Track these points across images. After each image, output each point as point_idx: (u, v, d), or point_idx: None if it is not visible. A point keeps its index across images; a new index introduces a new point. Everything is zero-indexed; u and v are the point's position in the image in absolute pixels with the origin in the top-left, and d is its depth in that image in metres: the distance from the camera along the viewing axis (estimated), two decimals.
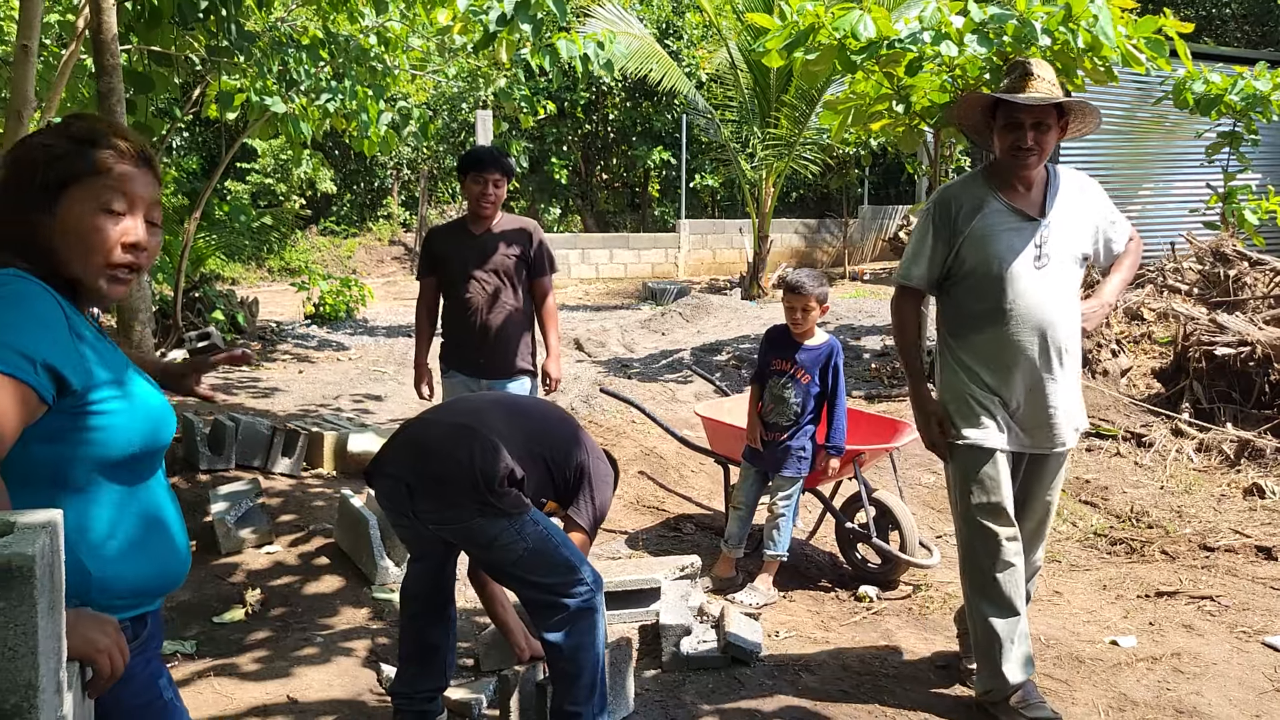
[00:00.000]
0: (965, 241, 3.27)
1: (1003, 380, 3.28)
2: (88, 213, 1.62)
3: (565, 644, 2.95)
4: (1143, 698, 3.55)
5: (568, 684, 2.97)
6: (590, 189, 21.61)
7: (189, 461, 5.67)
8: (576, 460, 3.20)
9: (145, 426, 1.68)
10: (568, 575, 2.95)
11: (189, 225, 9.20)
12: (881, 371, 8.17)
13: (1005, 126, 3.19)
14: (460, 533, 2.99)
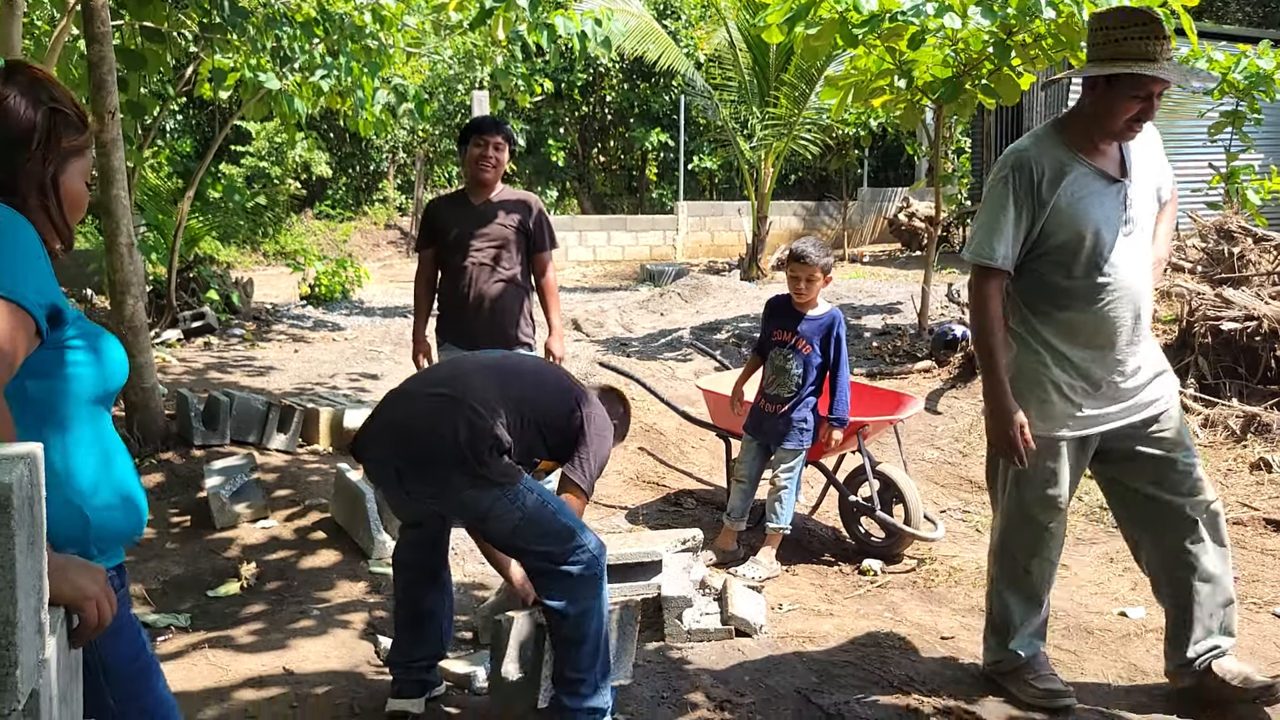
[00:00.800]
0: (1052, 212, 2.94)
1: (1094, 357, 3.02)
2: (80, 182, 1.72)
3: (568, 611, 2.88)
4: (1152, 667, 3.49)
5: (570, 650, 2.91)
6: (588, 171, 21.50)
7: (183, 437, 5.60)
8: (570, 417, 3.10)
9: (110, 362, 1.68)
10: (567, 542, 2.88)
11: (183, 205, 9.10)
12: (883, 350, 8.11)
13: (1133, 97, 2.82)
14: (453, 506, 2.94)
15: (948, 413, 6.69)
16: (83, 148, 1.70)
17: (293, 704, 3.24)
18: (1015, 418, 2.97)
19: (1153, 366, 3.12)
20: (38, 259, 1.55)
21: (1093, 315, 2.99)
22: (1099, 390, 3.04)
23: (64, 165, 1.66)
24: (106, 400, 1.70)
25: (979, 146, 15.22)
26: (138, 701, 1.73)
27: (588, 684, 2.89)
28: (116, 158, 5.30)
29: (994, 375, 3.02)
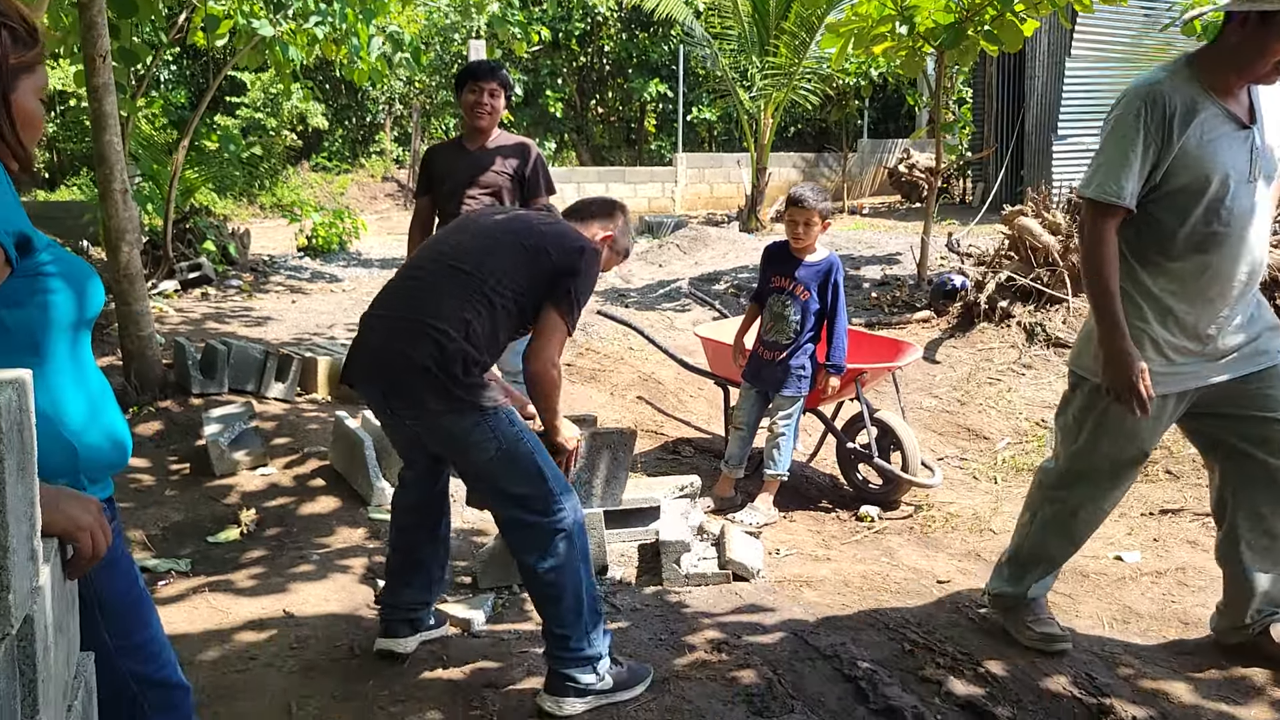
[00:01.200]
0: (1180, 152, 2.75)
1: (1200, 312, 2.84)
2: (33, 100, 1.65)
3: (541, 567, 2.81)
4: (1147, 610, 3.52)
5: (550, 607, 2.85)
6: (586, 123, 21.32)
7: (181, 385, 5.59)
8: (548, 272, 2.86)
9: (87, 289, 1.65)
10: (540, 486, 2.79)
11: (178, 155, 9.01)
12: (882, 300, 8.09)
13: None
14: (434, 431, 2.84)
15: (946, 362, 6.68)
16: (33, 63, 1.63)
17: (293, 646, 3.26)
18: (1137, 362, 2.77)
19: (1262, 322, 2.96)
20: (3, 187, 1.51)
21: (1205, 267, 2.81)
22: (1203, 347, 2.88)
23: (14, 83, 1.59)
24: (85, 327, 1.67)
25: (980, 96, 15.07)
26: (132, 637, 1.74)
27: (575, 638, 2.81)
28: (109, 103, 5.24)
29: (1111, 317, 2.80)
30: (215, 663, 3.13)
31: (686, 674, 3.04)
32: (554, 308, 2.84)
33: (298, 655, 3.19)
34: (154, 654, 1.80)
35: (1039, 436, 5.49)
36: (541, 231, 2.95)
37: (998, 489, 4.89)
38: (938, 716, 2.78)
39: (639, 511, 4.25)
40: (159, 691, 1.81)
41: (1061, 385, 6.03)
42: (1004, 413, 5.85)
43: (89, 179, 13.32)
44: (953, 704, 2.86)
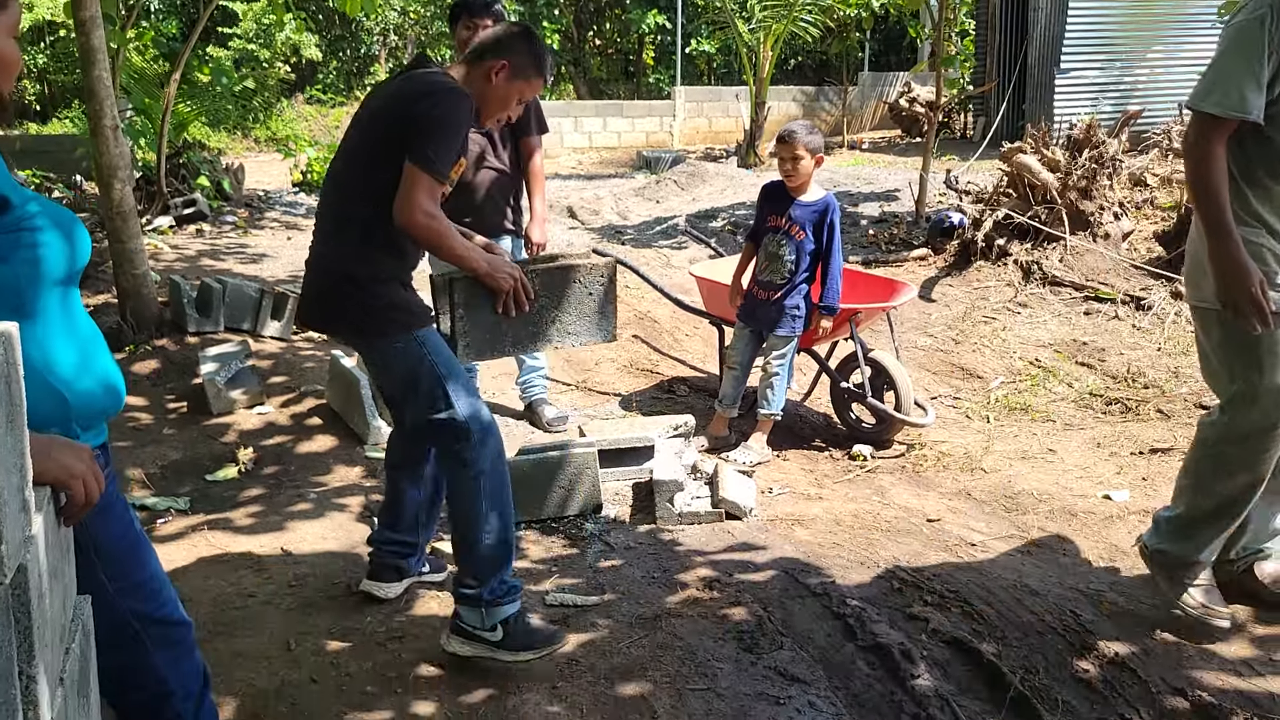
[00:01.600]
0: None
1: None
2: (6, 39, 1.62)
3: (446, 492, 2.79)
4: (1133, 548, 3.56)
5: (454, 534, 2.81)
6: (583, 55, 21.01)
7: (177, 324, 5.60)
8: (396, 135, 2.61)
9: (74, 241, 1.64)
10: (449, 417, 2.67)
11: (169, 89, 8.89)
12: (879, 238, 8.05)
13: None
14: (367, 360, 2.85)
15: (942, 300, 6.68)
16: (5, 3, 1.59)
17: (291, 583, 3.31)
18: (1254, 273, 2.62)
19: None
20: None
21: None
22: None
23: None
24: (73, 278, 1.66)
25: (983, 28, 14.84)
26: (130, 578, 1.77)
27: (464, 572, 2.76)
28: (96, 37, 5.16)
29: (1225, 229, 2.64)
30: (214, 600, 3.18)
31: (678, 611, 3.09)
32: (409, 160, 2.57)
33: (296, 593, 3.25)
34: (154, 593, 1.84)
35: (1033, 376, 5.52)
36: (390, 94, 2.74)
37: (990, 428, 4.93)
38: (924, 653, 2.83)
39: (633, 450, 4.29)
40: (160, 628, 1.84)
41: (1057, 324, 6.07)
42: (998, 352, 5.87)
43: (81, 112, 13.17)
44: (939, 640, 2.91)
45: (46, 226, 1.58)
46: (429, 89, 2.64)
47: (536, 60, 2.83)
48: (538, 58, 2.84)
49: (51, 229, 1.58)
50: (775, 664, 2.78)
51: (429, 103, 2.61)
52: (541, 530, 3.80)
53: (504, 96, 2.81)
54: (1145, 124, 10.25)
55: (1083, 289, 6.44)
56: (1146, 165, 7.98)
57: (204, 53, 17.00)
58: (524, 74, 2.81)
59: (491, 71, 2.76)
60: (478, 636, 2.74)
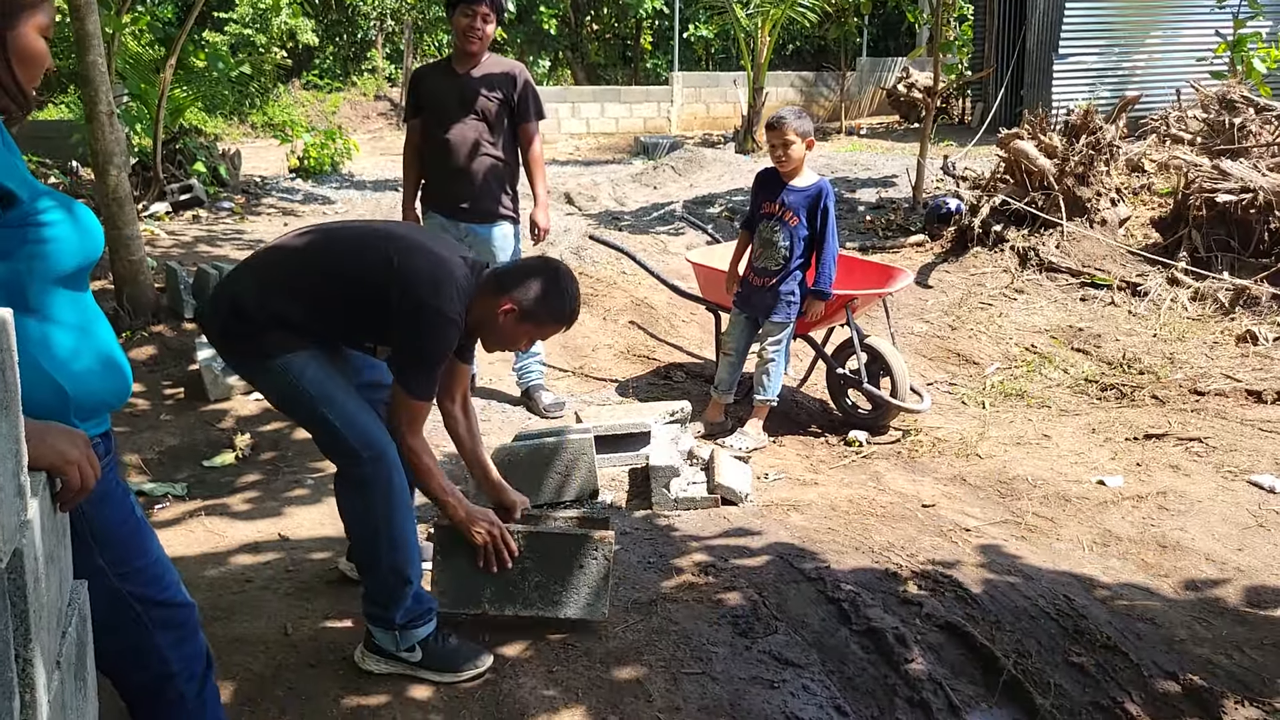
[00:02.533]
0: None
1: None
2: (35, 38, 1.62)
3: (344, 509, 2.66)
4: (1126, 533, 3.59)
5: (356, 552, 2.74)
6: (580, 40, 20.95)
7: (174, 310, 5.60)
8: (378, 301, 2.51)
9: (85, 236, 1.63)
10: (331, 434, 2.54)
11: (165, 74, 8.86)
12: (876, 223, 8.05)
13: None
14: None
15: (938, 286, 6.69)
16: (36, 1, 1.59)
17: (288, 568, 3.32)
18: None
19: None
20: None
21: None
22: None
23: (13, 20, 1.57)
24: (84, 274, 1.66)
25: (981, 14, 14.80)
26: (131, 563, 1.78)
27: (370, 592, 2.65)
28: (91, 22, 5.15)
29: None
30: (212, 584, 3.19)
31: (674, 596, 3.10)
32: (397, 381, 2.55)
33: (293, 577, 3.26)
34: (156, 577, 1.85)
35: (1029, 362, 5.53)
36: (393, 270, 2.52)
37: (985, 414, 4.94)
38: (918, 637, 2.85)
39: (630, 436, 4.31)
40: (162, 610, 1.86)
41: (1053, 310, 6.09)
42: (994, 338, 5.88)
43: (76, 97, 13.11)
44: (933, 625, 2.93)
45: (56, 222, 1.57)
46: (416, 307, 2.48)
47: (554, 311, 2.67)
48: (558, 308, 2.66)
49: (62, 224, 1.58)
50: (770, 648, 2.80)
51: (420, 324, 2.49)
52: None
53: (512, 335, 2.69)
54: (1143, 109, 10.24)
55: (1079, 275, 6.45)
56: (1144, 151, 7.98)
57: (200, 38, 16.94)
58: (537, 320, 2.66)
59: (500, 312, 2.61)
60: (395, 657, 2.67)
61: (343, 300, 2.56)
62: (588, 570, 2.86)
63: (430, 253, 2.58)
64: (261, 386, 2.67)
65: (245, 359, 2.60)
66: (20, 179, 1.55)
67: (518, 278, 2.66)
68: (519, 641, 2.84)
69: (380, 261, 2.53)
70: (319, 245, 2.64)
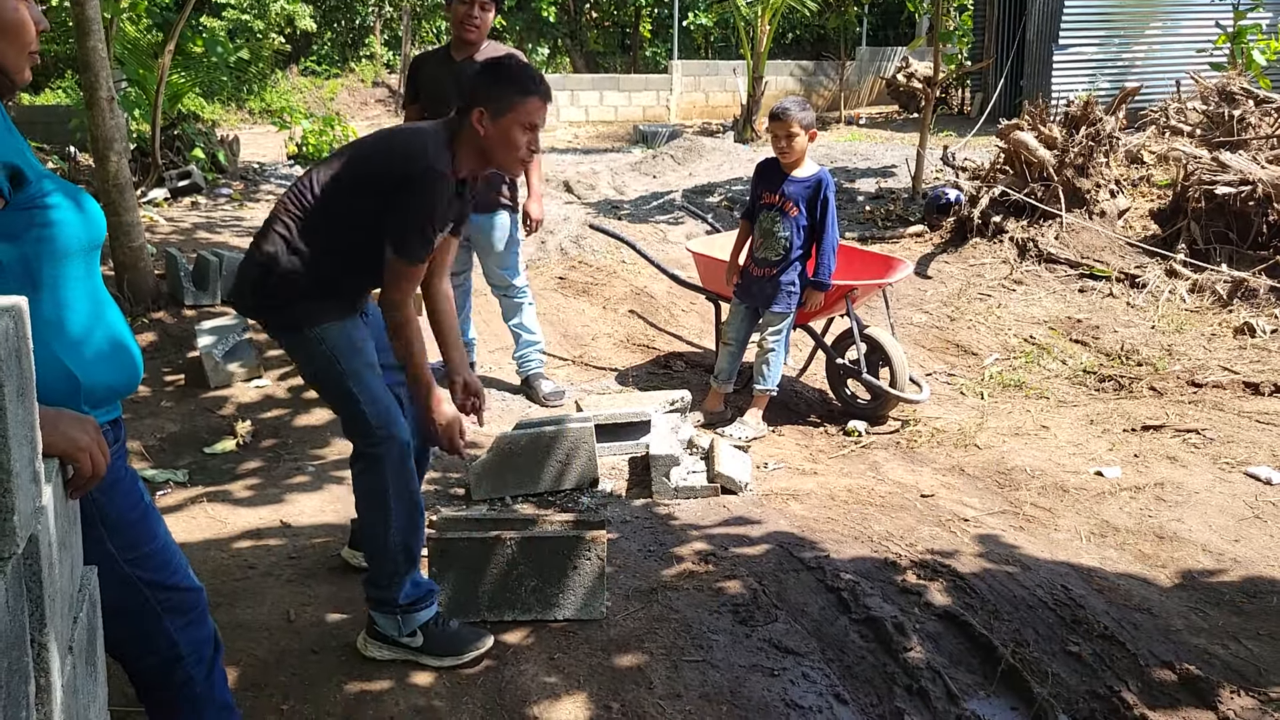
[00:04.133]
0: None
1: None
2: (9, 5, 1.59)
3: (357, 487, 2.72)
4: (1124, 524, 3.61)
5: (363, 531, 2.77)
6: (579, 28, 20.89)
7: (174, 297, 5.61)
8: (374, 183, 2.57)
9: (88, 218, 1.64)
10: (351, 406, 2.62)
11: (164, 59, 8.84)
12: (875, 214, 8.06)
13: None
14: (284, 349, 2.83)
15: (937, 277, 6.70)
16: None
17: (290, 555, 3.34)
18: None
19: None
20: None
21: None
22: None
23: None
24: (91, 256, 1.67)
25: (982, 4, 14.78)
26: (140, 548, 1.79)
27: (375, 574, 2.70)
28: (91, 7, 5.14)
29: None
30: (215, 571, 3.21)
31: (674, 584, 3.12)
32: (391, 250, 2.57)
33: (295, 564, 3.28)
34: (165, 562, 1.86)
35: (1027, 353, 5.54)
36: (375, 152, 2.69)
37: (984, 405, 4.96)
38: (917, 626, 2.87)
39: (630, 425, 4.32)
40: (170, 594, 1.87)
41: (1052, 301, 6.10)
42: (993, 329, 5.89)
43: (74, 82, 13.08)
44: (931, 614, 2.95)
45: (60, 205, 1.58)
46: (406, 171, 2.53)
47: (514, 84, 2.63)
48: (508, 81, 2.63)
49: (66, 208, 1.59)
50: (770, 636, 2.82)
51: (406, 192, 2.52)
52: (538, 504, 3.83)
53: (503, 137, 2.63)
54: (1143, 100, 10.25)
55: (1078, 266, 6.46)
56: (1143, 143, 7.99)
57: (198, 23, 16.87)
58: (507, 104, 2.61)
59: (476, 124, 2.61)
60: (397, 642, 2.70)
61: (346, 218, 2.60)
62: (582, 571, 2.90)
63: (393, 132, 2.78)
64: (296, 355, 2.75)
65: (283, 329, 2.69)
66: (27, 159, 1.55)
67: (468, 89, 2.65)
68: (520, 629, 2.87)
69: (360, 162, 2.64)
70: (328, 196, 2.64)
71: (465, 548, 2.89)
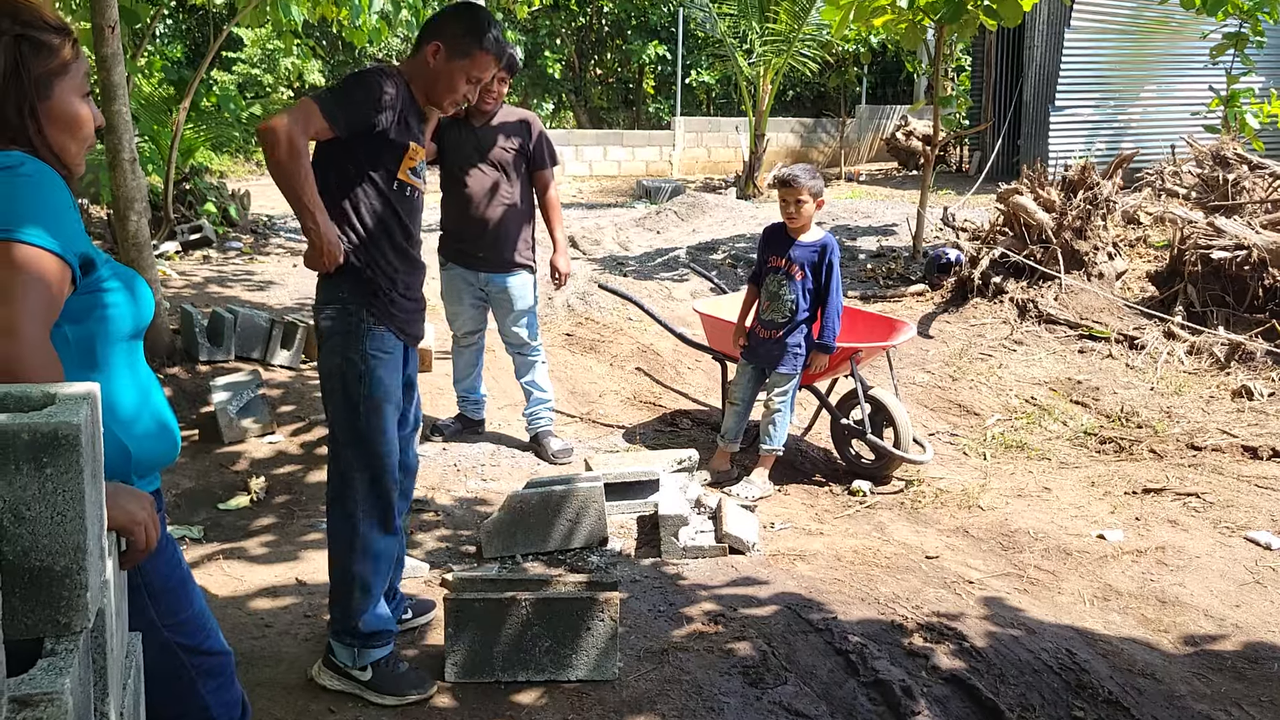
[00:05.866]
0: None
1: None
2: (73, 101, 1.65)
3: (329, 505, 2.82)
4: (1127, 588, 3.66)
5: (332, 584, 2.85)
6: (584, 84, 21.23)
7: (188, 353, 5.69)
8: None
9: (139, 301, 1.73)
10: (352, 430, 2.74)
11: (177, 115, 9.02)
12: (877, 272, 8.18)
13: None
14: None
15: (939, 337, 6.79)
16: (64, 66, 1.62)
17: (306, 614, 3.39)
18: None
19: None
20: (68, 209, 1.57)
21: None
22: None
23: (47, 91, 1.60)
24: (139, 335, 1.76)
25: (980, 66, 15.07)
26: (178, 615, 1.85)
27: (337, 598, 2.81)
28: (117, 73, 5.28)
29: None
30: (232, 630, 3.25)
31: (684, 645, 3.17)
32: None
33: (310, 623, 3.32)
34: (200, 627, 1.92)
35: (1029, 413, 5.62)
36: None
37: (987, 465, 5.03)
38: (924, 689, 2.92)
39: (638, 484, 4.38)
40: (205, 659, 1.93)
41: (1052, 362, 6.19)
42: (995, 389, 5.98)
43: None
44: (939, 677, 3.00)
45: (117, 288, 1.67)
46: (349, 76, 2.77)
47: (475, 34, 2.73)
48: (475, 31, 2.73)
49: (121, 290, 1.68)
50: (780, 699, 2.87)
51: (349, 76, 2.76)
52: (548, 563, 3.88)
53: (448, 77, 2.75)
54: (1138, 163, 10.43)
55: (1077, 327, 6.56)
56: (1139, 204, 8.13)
57: (209, 78, 17.15)
58: (463, 50, 2.73)
59: (428, 55, 2.74)
60: (348, 674, 2.82)
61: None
62: (595, 632, 2.96)
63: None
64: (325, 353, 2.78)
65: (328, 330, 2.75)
66: (94, 249, 1.64)
67: (433, 23, 2.80)
68: (534, 690, 2.91)
69: None
70: None
71: (480, 608, 2.95)
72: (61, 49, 1.62)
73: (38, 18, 1.60)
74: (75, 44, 1.67)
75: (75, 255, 1.55)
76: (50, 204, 1.55)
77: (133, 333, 1.72)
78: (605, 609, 2.96)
